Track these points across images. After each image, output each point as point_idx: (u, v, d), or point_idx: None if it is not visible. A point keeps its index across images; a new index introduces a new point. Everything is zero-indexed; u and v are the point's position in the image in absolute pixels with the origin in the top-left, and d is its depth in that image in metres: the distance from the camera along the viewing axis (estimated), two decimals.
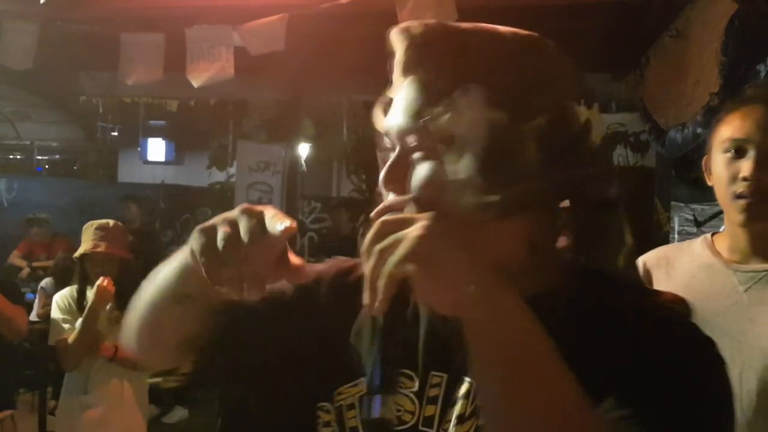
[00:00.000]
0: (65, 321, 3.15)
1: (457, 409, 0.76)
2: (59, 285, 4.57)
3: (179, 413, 5.81)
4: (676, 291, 1.56)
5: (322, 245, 7.64)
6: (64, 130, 10.73)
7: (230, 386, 1.04)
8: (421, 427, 0.78)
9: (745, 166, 1.45)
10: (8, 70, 3.26)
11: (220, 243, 0.68)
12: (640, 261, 1.69)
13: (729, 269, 1.53)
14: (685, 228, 4.07)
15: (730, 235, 1.56)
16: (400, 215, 0.67)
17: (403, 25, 0.79)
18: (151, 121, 9.67)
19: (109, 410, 3.15)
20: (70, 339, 3.06)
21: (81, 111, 8.06)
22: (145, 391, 3.38)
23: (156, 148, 10.85)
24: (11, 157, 11.68)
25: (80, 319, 3.07)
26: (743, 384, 1.43)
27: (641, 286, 0.89)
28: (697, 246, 1.63)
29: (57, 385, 4.35)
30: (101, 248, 3.09)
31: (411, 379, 0.80)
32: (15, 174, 10.53)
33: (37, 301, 5.40)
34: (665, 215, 4.29)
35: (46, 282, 5.56)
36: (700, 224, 4.55)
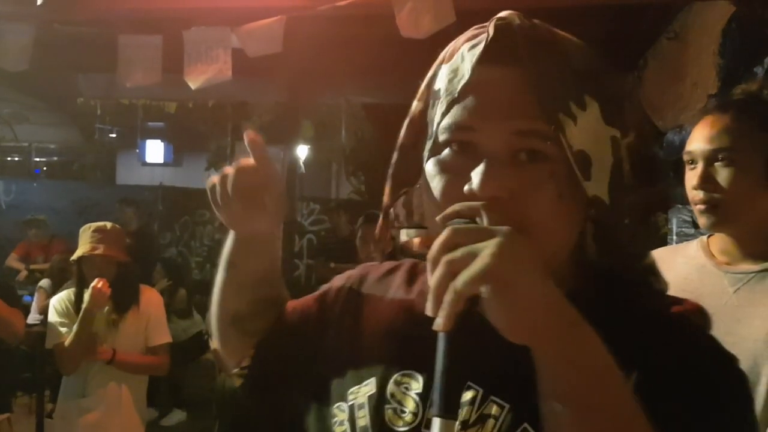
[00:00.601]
0: (62, 324, 3.14)
1: (461, 415, 0.75)
2: (56, 287, 4.57)
3: (177, 416, 5.80)
4: (669, 291, 1.58)
5: (320, 247, 7.64)
6: (61, 132, 10.73)
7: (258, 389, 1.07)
8: (423, 429, 0.77)
9: (694, 176, 1.54)
10: (5, 72, 3.26)
11: (215, 197, 0.93)
12: None
13: (720, 270, 1.57)
14: (683, 229, 4.07)
15: (719, 237, 1.61)
16: (473, 225, 0.64)
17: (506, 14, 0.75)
18: (150, 123, 9.68)
19: (107, 413, 3.14)
20: (67, 342, 3.05)
21: (79, 113, 8.07)
22: (144, 394, 3.37)
23: (154, 150, 10.87)
24: (9, 159, 11.67)
25: (76, 322, 3.06)
26: None
27: (663, 293, 0.87)
28: (693, 248, 1.66)
29: (54, 389, 4.34)
30: (99, 251, 3.09)
31: (415, 380, 0.80)
32: (13, 176, 10.52)
33: (36, 299, 5.39)
34: (663, 217, 4.29)
35: (45, 281, 5.55)
36: (697, 226, 4.53)
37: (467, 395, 0.76)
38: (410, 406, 0.79)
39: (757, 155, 1.49)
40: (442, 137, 0.75)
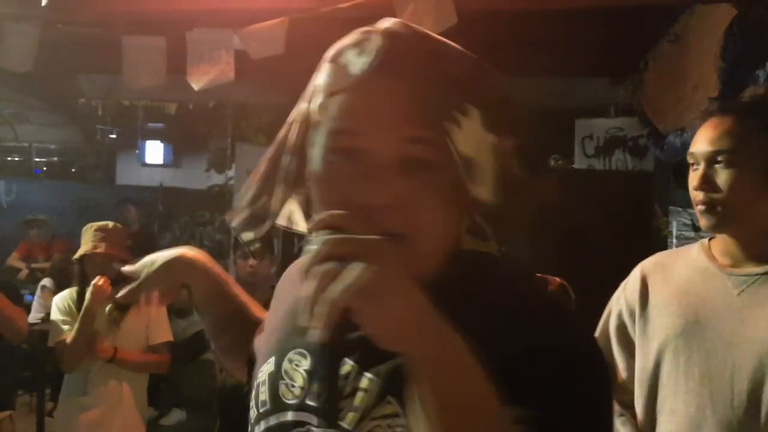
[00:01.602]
0: (65, 322, 3.16)
1: (339, 389, 0.80)
2: (59, 286, 4.58)
3: (177, 415, 5.81)
4: (672, 295, 1.60)
5: None
6: (62, 132, 10.73)
7: None
8: (307, 401, 0.82)
9: (695, 177, 1.56)
10: (7, 72, 3.27)
11: None
12: (638, 268, 1.72)
13: (723, 273, 1.57)
14: (683, 233, 4.08)
15: (721, 240, 1.61)
16: (344, 236, 0.63)
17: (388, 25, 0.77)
18: (150, 124, 9.68)
19: (107, 412, 3.15)
20: (68, 339, 3.06)
21: (80, 113, 8.06)
22: (144, 393, 3.38)
23: (154, 151, 10.84)
24: (9, 159, 11.67)
25: (78, 320, 3.07)
26: (735, 385, 1.46)
27: (531, 273, 0.93)
28: (694, 251, 1.67)
29: (55, 387, 4.35)
30: (101, 249, 3.10)
31: (304, 357, 0.85)
32: (13, 176, 10.52)
33: (40, 298, 5.39)
34: (664, 220, 4.30)
35: (47, 280, 5.56)
36: (698, 229, 4.55)
37: (344, 369, 0.80)
38: (299, 381, 0.84)
39: (758, 157, 1.50)
40: (328, 141, 0.76)
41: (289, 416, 0.83)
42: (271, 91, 5.21)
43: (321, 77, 0.79)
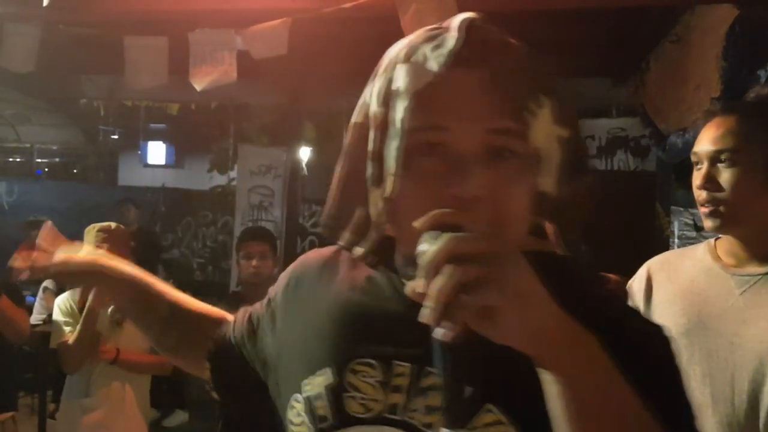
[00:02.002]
0: (67, 324, 3.15)
1: (426, 400, 0.78)
2: (59, 287, 4.57)
3: (179, 417, 5.81)
4: (675, 293, 1.61)
5: (322, 248, 7.61)
6: (64, 133, 10.74)
7: (230, 397, 1.16)
8: (386, 414, 0.79)
9: (698, 177, 1.55)
10: (9, 72, 3.27)
11: None
12: (645, 266, 1.73)
13: (727, 273, 1.57)
14: (685, 232, 4.07)
15: (726, 239, 1.61)
16: (472, 234, 0.62)
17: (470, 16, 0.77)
18: (152, 125, 9.68)
19: (110, 413, 3.15)
20: (71, 340, 3.06)
21: (82, 114, 8.07)
22: (147, 394, 3.38)
23: (156, 152, 10.85)
24: (11, 160, 11.68)
25: (80, 321, 3.07)
26: (735, 385, 1.46)
27: (591, 271, 0.93)
28: (700, 250, 1.67)
29: (57, 389, 4.34)
30: (102, 250, 3.10)
31: (373, 367, 0.81)
32: (15, 177, 10.53)
33: (40, 299, 5.39)
34: (666, 220, 4.30)
35: (49, 282, 5.55)
36: (699, 229, 4.55)
37: (431, 380, 0.78)
38: (372, 393, 0.81)
39: (761, 156, 1.49)
40: (411, 139, 0.75)
41: (363, 431, 0.80)
42: (273, 92, 5.22)
43: (398, 79, 0.77)
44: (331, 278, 0.93)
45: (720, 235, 1.64)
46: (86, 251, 1.19)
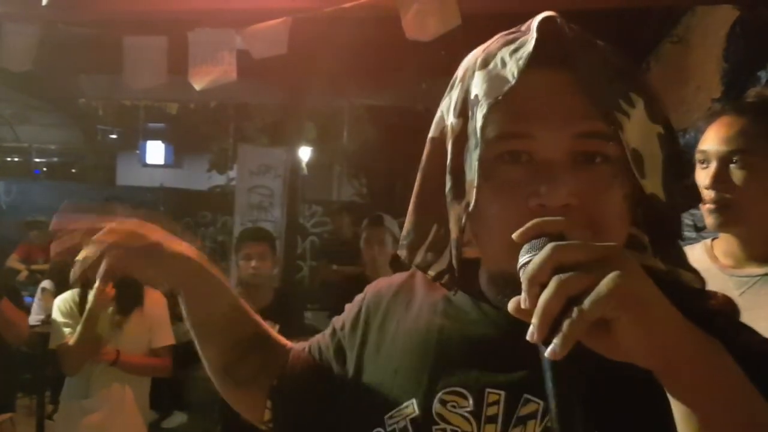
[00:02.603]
0: (67, 325, 3.14)
1: (524, 430, 0.72)
2: (59, 288, 4.56)
3: (178, 418, 5.79)
4: None
5: (323, 249, 7.64)
6: (62, 133, 10.73)
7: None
8: None
9: (707, 176, 1.53)
10: (8, 72, 3.26)
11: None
12: None
13: (725, 274, 1.57)
14: (685, 233, 4.06)
15: (724, 240, 1.61)
16: (577, 242, 0.57)
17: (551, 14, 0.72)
18: (150, 124, 9.68)
19: (109, 415, 3.13)
20: (71, 342, 3.05)
21: (80, 114, 8.07)
22: (146, 396, 3.37)
23: (155, 151, 10.87)
24: (9, 159, 11.67)
25: (80, 323, 3.06)
26: None
27: (700, 289, 0.85)
28: (697, 251, 1.67)
29: (55, 390, 4.33)
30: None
31: (463, 397, 0.76)
32: (13, 177, 10.51)
33: (38, 299, 5.37)
34: None
35: (47, 282, 5.54)
36: (699, 230, 4.54)
37: (528, 408, 0.73)
38: (463, 425, 0.75)
39: None
40: (494, 148, 0.70)
41: None
42: (273, 91, 5.21)
43: (476, 87, 0.72)
44: (408, 304, 0.88)
45: (717, 236, 1.64)
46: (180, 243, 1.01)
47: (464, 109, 0.74)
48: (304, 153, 6.59)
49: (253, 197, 5.52)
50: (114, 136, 10.62)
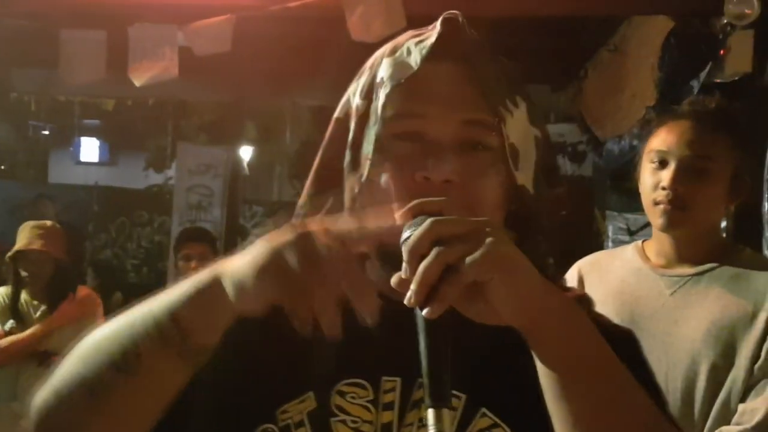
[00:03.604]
0: None
1: (420, 413, 0.75)
2: None
3: None
4: (607, 294, 1.65)
5: None
6: None
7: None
8: None
9: (665, 176, 1.56)
10: None
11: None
12: (575, 266, 1.77)
13: (656, 274, 1.62)
14: (619, 236, 4.20)
15: (657, 241, 1.67)
16: (454, 217, 0.63)
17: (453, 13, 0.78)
18: (85, 120, 9.41)
19: None
20: (5, 342, 2.98)
21: (11, 109, 7.77)
22: None
23: (89, 149, 10.57)
24: None
25: (28, 331, 2.96)
26: (669, 383, 1.51)
27: (559, 282, 0.90)
28: (629, 252, 1.72)
29: None
30: (36, 245, 3.01)
31: (362, 387, 0.77)
32: None
33: None
34: (604, 225, 4.41)
35: None
36: (632, 233, 4.70)
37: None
38: (363, 414, 0.77)
39: (726, 168, 1.56)
40: (390, 126, 0.77)
41: None
42: (214, 89, 5.13)
43: (382, 71, 0.79)
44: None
45: (647, 238, 1.70)
46: None
47: (370, 92, 0.81)
48: (246, 153, 6.51)
49: (192, 197, 5.42)
50: (46, 133, 10.27)
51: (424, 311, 0.59)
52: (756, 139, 2.27)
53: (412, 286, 0.59)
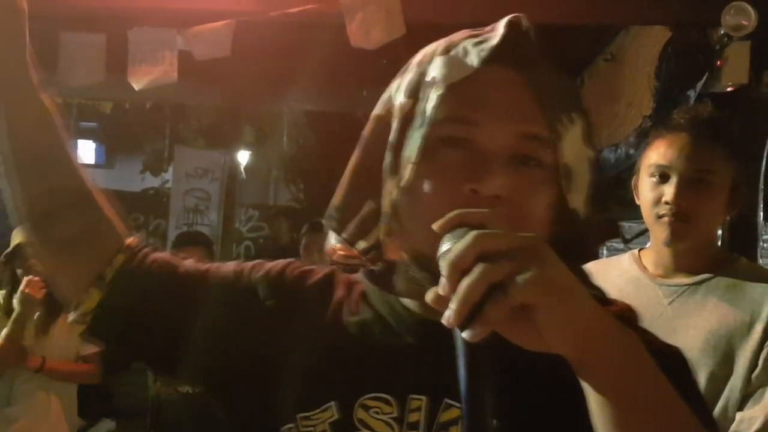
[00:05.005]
0: None
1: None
2: None
3: (106, 425, 5.64)
4: None
5: (259, 254, 7.55)
6: None
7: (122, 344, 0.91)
8: None
9: (668, 191, 1.57)
10: None
11: None
12: None
13: (654, 283, 1.63)
14: (613, 244, 4.21)
15: (655, 251, 1.67)
16: (500, 231, 0.57)
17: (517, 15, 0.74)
18: (83, 123, 9.40)
19: (35, 423, 3.03)
20: None
21: None
22: (74, 403, 3.27)
23: (86, 151, 10.55)
24: None
25: (5, 329, 2.95)
26: None
27: (601, 298, 0.86)
28: (625, 261, 1.73)
29: None
30: None
31: (387, 403, 0.75)
32: None
33: None
34: None
35: None
36: (627, 241, 4.72)
37: (449, 414, 0.73)
38: (385, 431, 0.75)
39: (725, 179, 1.58)
40: (439, 129, 0.71)
41: None
42: (211, 93, 5.13)
43: (434, 70, 0.74)
44: (326, 299, 0.85)
45: (644, 246, 1.71)
46: None
47: (416, 90, 0.75)
48: (243, 157, 6.50)
49: (189, 200, 5.42)
50: None
51: (465, 333, 0.54)
52: (751, 149, 2.29)
53: (452, 305, 0.54)
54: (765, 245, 2.86)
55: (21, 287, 2.89)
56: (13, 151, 0.85)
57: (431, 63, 0.75)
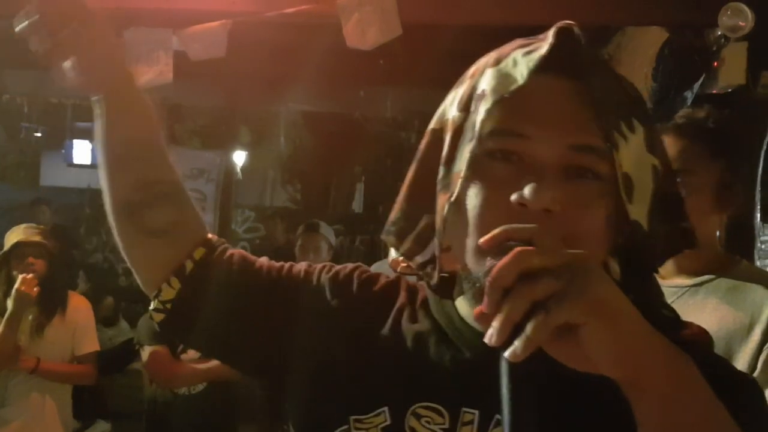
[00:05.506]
0: None
1: None
2: None
3: (101, 427, 5.62)
4: None
5: (254, 255, 7.53)
6: None
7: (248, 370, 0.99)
8: None
9: None
10: None
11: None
12: None
13: None
14: None
15: None
16: (547, 248, 0.56)
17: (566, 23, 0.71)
18: (78, 123, 9.38)
19: (28, 424, 3.01)
20: None
21: (3, 110, 7.75)
22: (68, 404, 3.25)
23: (82, 151, 10.51)
24: None
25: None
26: None
27: (674, 319, 0.85)
28: None
29: None
30: (35, 238, 3.01)
31: (439, 414, 0.74)
32: None
33: None
34: None
35: None
36: None
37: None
38: None
39: (708, 180, 1.58)
40: (487, 143, 0.70)
41: None
42: (208, 94, 5.13)
43: (484, 82, 0.72)
44: (388, 306, 0.85)
45: None
46: None
47: (468, 104, 0.74)
48: (239, 157, 6.49)
49: None
50: (39, 135, 10.22)
51: (507, 352, 0.54)
52: (748, 150, 2.29)
53: (494, 323, 0.54)
54: (762, 246, 2.85)
55: (16, 285, 2.88)
56: (118, 143, 0.93)
57: (482, 75, 0.74)
